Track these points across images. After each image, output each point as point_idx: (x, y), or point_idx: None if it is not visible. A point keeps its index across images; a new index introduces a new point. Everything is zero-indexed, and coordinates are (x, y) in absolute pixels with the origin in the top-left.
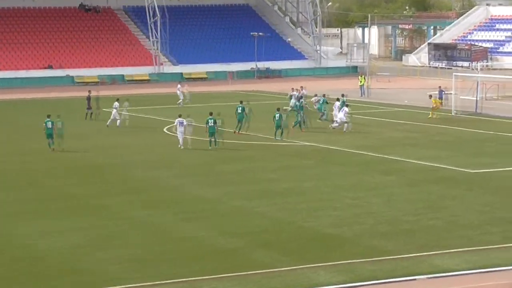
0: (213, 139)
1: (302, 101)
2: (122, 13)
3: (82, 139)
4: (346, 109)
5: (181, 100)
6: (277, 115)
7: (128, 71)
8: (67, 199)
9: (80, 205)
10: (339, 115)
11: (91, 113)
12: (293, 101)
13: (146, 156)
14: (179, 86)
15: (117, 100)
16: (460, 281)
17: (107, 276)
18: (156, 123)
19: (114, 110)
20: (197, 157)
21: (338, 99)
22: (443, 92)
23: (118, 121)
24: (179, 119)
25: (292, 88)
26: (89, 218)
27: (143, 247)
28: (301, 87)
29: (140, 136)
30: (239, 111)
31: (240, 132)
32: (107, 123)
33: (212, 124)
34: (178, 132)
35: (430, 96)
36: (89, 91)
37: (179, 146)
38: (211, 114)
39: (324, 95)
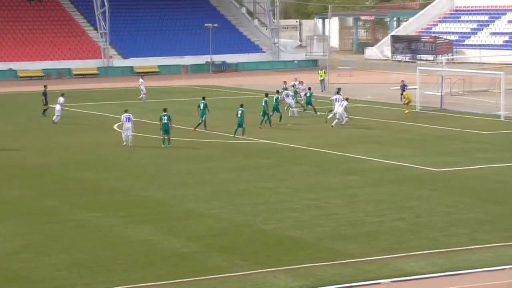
0: (166, 137)
1: (280, 96)
2: (68, 3)
3: (25, 138)
4: (345, 103)
5: (142, 95)
6: (239, 112)
7: (75, 64)
8: (4, 202)
9: (19, 208)
10: (339, 110)
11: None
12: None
13: (93, 156)
14: (141, 80)
15: (62, 95)
16: (426, 284)
17: (54, 283)
18: (105, 120)
19: (58, 105)
20: (149, 156)
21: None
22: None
23: (58, 117)
24: (126, 114)
25: (294, 84)
26: (30, 221)
27: (92, 251)
28: (296, 78)
29: (88, 134)
30: (239, 115)
31: (236, 136)
32: (53, 119)
33: (166, 121)
34: (124, 129)
35: (403, 89)
36: (45, 86)
37: (123, 144)
38: (165, 110)
39: (309, 88)
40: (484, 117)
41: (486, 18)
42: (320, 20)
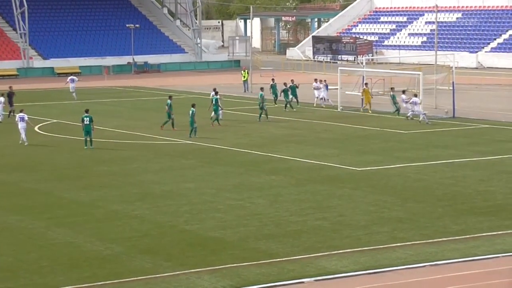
0: (88, 139)
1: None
2: None
3: None
4: (403, 96)
5: (73, 92)
6: (191, 112)
7: None
8: None
9: None
10: (416, 108)
11: (13, 111)
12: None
13: (13, 158)
14: (72, 77)
15: (2, 94)
16: (349, 283)
17: None
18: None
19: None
20: (70, 158)
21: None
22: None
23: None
24: (20, 114)
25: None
26: None
27: (15, 254)
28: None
29: (8, 136)
30: (190, 115)
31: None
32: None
33: (88, 123)
34: (20, 128)
35: (366, 84)
36: (10, 87)
37: (21, 142)
38: (86, 111)
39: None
40: (403, 116)
41: (404, 19)
42: (242, 21)
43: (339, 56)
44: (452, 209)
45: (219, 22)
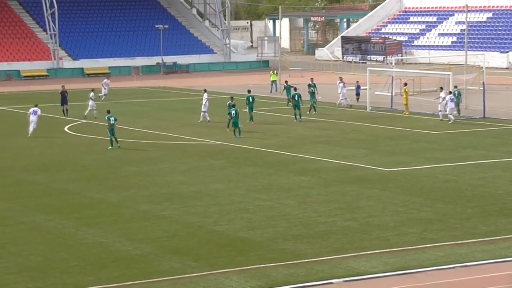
0: (113, 138)
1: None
2: (16, 4)
3: None
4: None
5: (103, 94)
6: (233, 111)
7: (24, 66)
8: None
9: None
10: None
11: (67, 109)
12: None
13: (44, 158)
14: (106, 80)
15: (92, 90)
16: (378, 284)
17: (5, 287)
18: (55, 122)
19: (91, 101)
20: (99, 158)
21: (450, 92)
22: (360, 88)
23: (96, 111)
24: (34, 108)
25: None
26: None
27: (44, 254)
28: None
29: (38, 136)
30: (233, 114)
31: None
32: (95, 116)
33: (113, 122)
34: (30, 121)
35: (405, 84)
36: (63, 86)
37: (29, 135)
38: (109, 112)
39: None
40: (433, 117)
41: (434, 19)
42: (271, 21)
43: (368, 56)
44: (481, 210)
45: (247, 22)
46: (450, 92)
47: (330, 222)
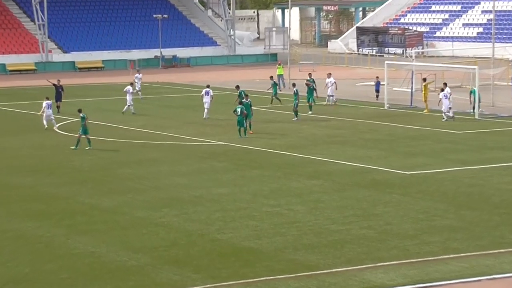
0: (87, 137)
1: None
2: None
3: None
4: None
5: (138, 89)
6: (238, 109)
7: (10, 59)
8: None
9: None
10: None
11: (58, 106)
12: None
13: (31, 160)
14: (138, 75)
15: (131, 84)
16: None
17: None
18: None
19: (129, 96)
20: (92, 160)
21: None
22: (380, 84)
23: (131, 106)
24: (48, 101)
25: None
26: None
27: (32, 265)
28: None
29: (24, 136)
30: (238, 112)
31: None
32: (132, 112)
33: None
34: (45, 115)
35: (424, 79)
36: (58, 81)
37: (45, 128)
38: (80, 111)
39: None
40: (457, 115)
41: (458, 8)
42: (280, 11)
43: (386, 49)
44: (510, 218)
45: (254, 12)
46: (445, 88)
47: (344, 230)
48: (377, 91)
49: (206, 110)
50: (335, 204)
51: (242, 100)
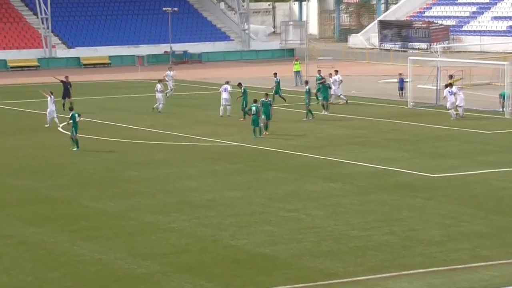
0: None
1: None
2: None
3: None
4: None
5: (170, 89)
6: (254, 108)
7: (11, 55)
8: None
9: None
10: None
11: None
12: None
13: (33, 161)
14: (169, 73)
15: (159, 81)
16: None
17: None
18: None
19: (158, 94)
20: (96, 161)
21: (451, 85)
22: (403, 81)
23: (161, 105)
24: (51, 96)
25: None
26: None
27: (34, 273)
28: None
29: (26, 136)
30: (253, 111)
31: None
32: (159, 110)
33: (78, 119)
34: (49, 110)
35: (451, 76)
36: (66, 77)
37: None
38: (71, 109)
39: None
40: (486, 114)
41: (487, 0)
42: (297, 3)
43: (410, 44)
44: None
45: (270, 4)
46: (451, 85)
47: (365, 236)
48: (401, 88)
49: (222, 107)
50: (356, 209)
51: (262, 100)
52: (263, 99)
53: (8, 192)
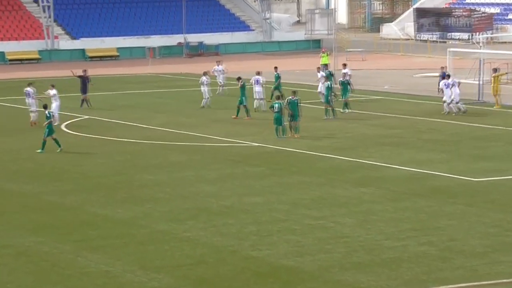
0: (53, 138)
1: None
2: None
3: None
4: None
5: (220, 87)
6: (276, 105)
7: (10, 46)
8: None
9: None
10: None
11: (87, 100)
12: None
13: (31, 164)
14: (218, 67)
15: (205, 73)
16: None
17: None
18: None
19: (204, 87)
20: (103, 164)
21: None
22: (445, 74)
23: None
24: (27, 88)
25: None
26: None
27: (35, 286)
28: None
29: (26, 137)
30: (276, 109)
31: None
32: (203, 105)
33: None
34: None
35: (495, 70)
36: (84, 71)
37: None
38: (45, 107)
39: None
40: None
41: None
42: None
43: (449, 34)
44: None
45: None
46: (449, 77)
47: (400, 246)
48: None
49: (256, 101)
50: (389, 216)
51: (288, 98)
52: (290, 97)
53: (6, 198)
